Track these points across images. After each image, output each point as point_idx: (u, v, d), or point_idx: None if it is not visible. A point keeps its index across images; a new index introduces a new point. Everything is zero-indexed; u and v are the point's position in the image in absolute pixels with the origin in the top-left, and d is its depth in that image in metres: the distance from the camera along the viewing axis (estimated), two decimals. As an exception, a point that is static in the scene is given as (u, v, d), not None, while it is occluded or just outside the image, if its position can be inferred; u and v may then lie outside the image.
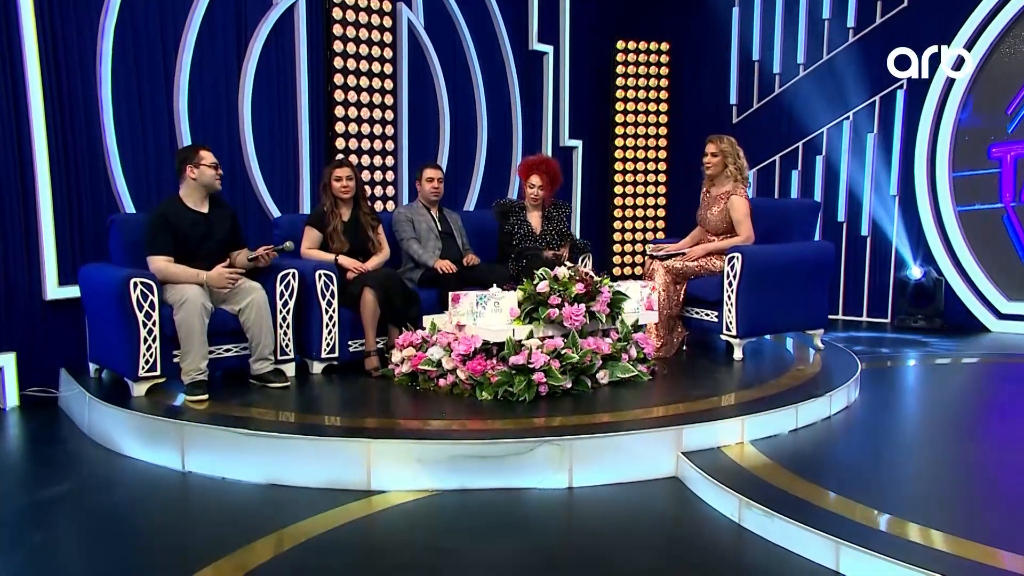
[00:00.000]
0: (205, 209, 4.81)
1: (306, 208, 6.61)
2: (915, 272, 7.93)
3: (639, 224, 9.24)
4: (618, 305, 4.86)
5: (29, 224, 5.19)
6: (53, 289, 5.28)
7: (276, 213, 6.42)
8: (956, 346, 7.08)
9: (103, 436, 4.36)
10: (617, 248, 9.17)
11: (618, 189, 9.13)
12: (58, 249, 5.30)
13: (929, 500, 3.47)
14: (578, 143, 8.83)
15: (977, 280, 7.83)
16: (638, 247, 9.27)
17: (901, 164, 8.14)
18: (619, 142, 9.08)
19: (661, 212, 9.29)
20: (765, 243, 5.59)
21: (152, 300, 4.42)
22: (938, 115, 7.91)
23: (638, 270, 9.28)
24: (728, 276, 5.32)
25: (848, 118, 8.37)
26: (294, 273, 4.90)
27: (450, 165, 7.63)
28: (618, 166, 9.11)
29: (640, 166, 9.16)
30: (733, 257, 5.29)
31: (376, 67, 6.90)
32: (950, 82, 7.80)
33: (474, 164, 7.91)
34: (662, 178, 9.24)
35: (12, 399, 5.13)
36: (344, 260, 5.22)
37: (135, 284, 4.38)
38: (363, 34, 6.78)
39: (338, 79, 6.69)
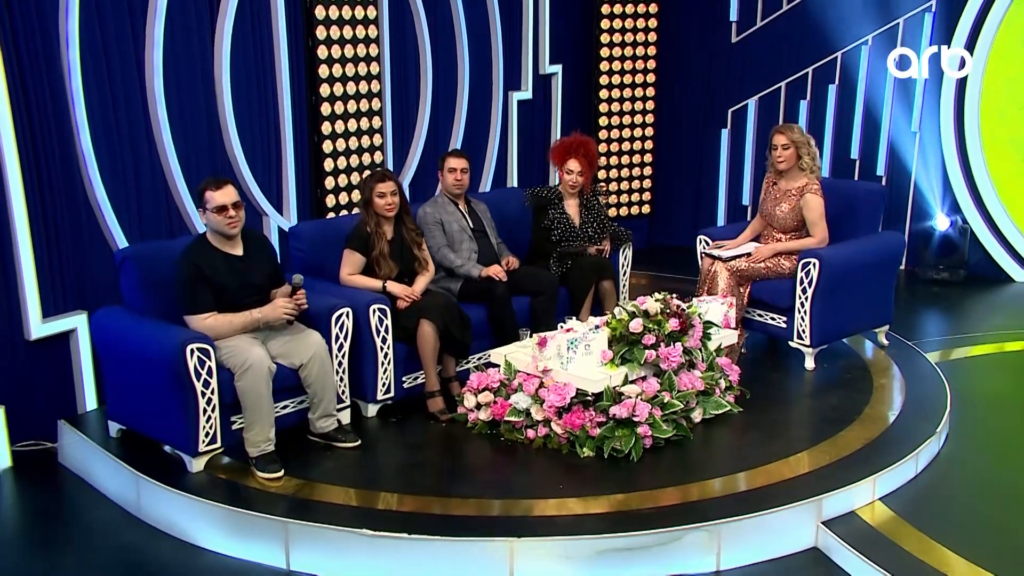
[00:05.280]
0: (239, 251, 4.94)
1: (292, 193, 6.74)
2: (941, 222, 8.69)
3: (625, 160, 9.65)
4: (708, 336, 5.34)
5: (5, 255, 5.18)
6: (37, 327, 5.33)
7: (261, 199, 6.53)
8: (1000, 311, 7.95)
9: (167, 523, 4.59)
10: (602, 187, 9.55)
11: (603, 120, 9.47)
12: (38, 278, 5.32)
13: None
14: (557, 68, 9.06)
15: (1003, 225, 8.66)
16: (623, 185, 9.71)
17: (925, 96, 8.76)
18: (604, 66, 9.36)
19: (649, 145, 9.72)
20: (829, 234, 6.12)
21: (210, 366, 4.62)
22: (972, 40, 8.47)
23: (623, 211, 9.75)
24: (802, 282, 5.87)
25: (867, 43, 8.89)
26: (348, 312, 5.15)
27: (432, 111, 7.81)
28: (603, 93, 9.42)
29: (627, 92, 9.51)
30: (808, 263, 5.83)
31: (360, 12, 6.93)
32: (987, 3, 8.35)
33: (456, 102, 8.09)
34: (651, 105, 9.63)
35: (4, 459, 5.25)
36: (393, 287, 5.46)
37: (191, 351, 4.55)
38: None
39: (320, 32, 6.71)
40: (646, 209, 9.90)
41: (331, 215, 6.95)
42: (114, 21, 5.60)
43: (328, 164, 6.92)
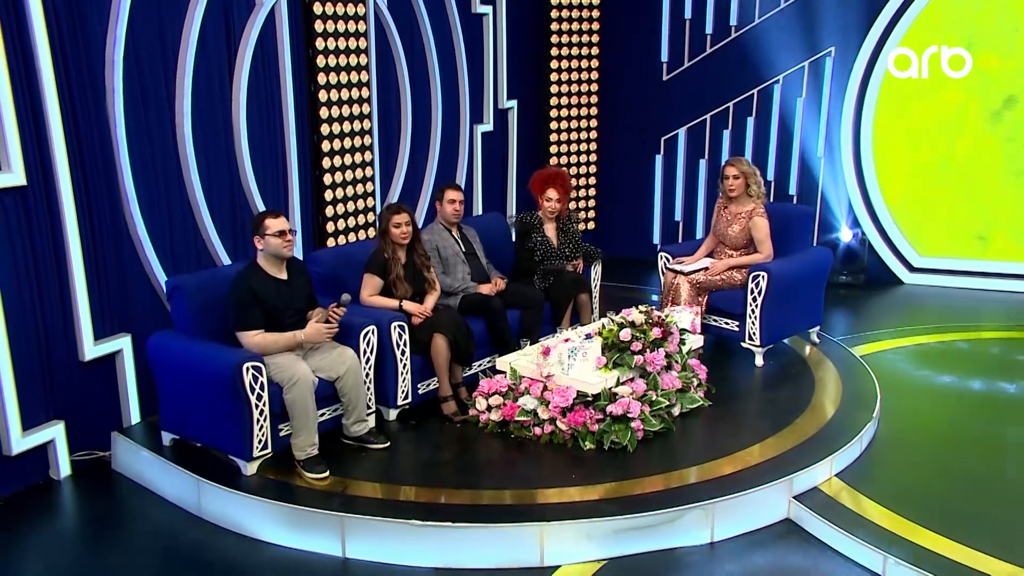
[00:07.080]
0: (284, 275, 5.09)
1: (297, 220, 6.82)
2: (845, 235, 9.16)
3: (572, 183, 9.89)
4: (682, 341, 5.63)
5: (63, 284, 5.22)
6: (90, 349, 5.37)
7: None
8: (897, 307, 8.45)
9: (229, 521, 4.70)
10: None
11: (553, 148, 9.76)
12: (90, 304, 5.36)
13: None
14: (514, 103, 9.29)
15: (893, 235, 9.19)
16: (570, 204, 9.95)
17: (828, 127, 9.23)
18: (553, 100, 9.65)
19: (593, 169, 10.04)
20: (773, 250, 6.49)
21: (262, 381, 4.75)
22: (866, 76, 8.98)
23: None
24: (752, 292, 6.21)
25: (779, 81, 9.32)
26: (373, 329, 5.32)
27: (411, 145, 7.97)
28: (553, 124, 9.71)
29: (574, 124, 9.82)
30: (758, 275, 6.17)
31: (353, 60, 7.07)
32: (880, 44, 8.85)
33: (430, 135, 8.26)
34: (594, 135, 9.96)
35: (65, 468, 5.28)
36: (408, 306, 5.64)
37: (247, 368, 4.67)
38: (340, 26, 6.91)
39: (321, 78, 6.83)
40: (591, 225, 10.20)
41: (331, 240, 7.06)
42: (151, 76, 5.66)
43: (328, 195, 7.03)
